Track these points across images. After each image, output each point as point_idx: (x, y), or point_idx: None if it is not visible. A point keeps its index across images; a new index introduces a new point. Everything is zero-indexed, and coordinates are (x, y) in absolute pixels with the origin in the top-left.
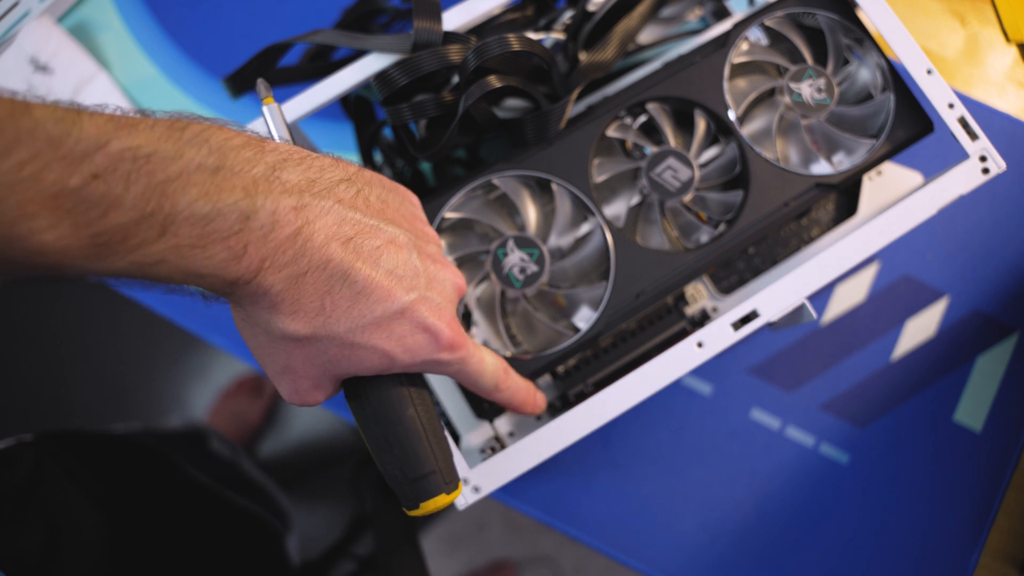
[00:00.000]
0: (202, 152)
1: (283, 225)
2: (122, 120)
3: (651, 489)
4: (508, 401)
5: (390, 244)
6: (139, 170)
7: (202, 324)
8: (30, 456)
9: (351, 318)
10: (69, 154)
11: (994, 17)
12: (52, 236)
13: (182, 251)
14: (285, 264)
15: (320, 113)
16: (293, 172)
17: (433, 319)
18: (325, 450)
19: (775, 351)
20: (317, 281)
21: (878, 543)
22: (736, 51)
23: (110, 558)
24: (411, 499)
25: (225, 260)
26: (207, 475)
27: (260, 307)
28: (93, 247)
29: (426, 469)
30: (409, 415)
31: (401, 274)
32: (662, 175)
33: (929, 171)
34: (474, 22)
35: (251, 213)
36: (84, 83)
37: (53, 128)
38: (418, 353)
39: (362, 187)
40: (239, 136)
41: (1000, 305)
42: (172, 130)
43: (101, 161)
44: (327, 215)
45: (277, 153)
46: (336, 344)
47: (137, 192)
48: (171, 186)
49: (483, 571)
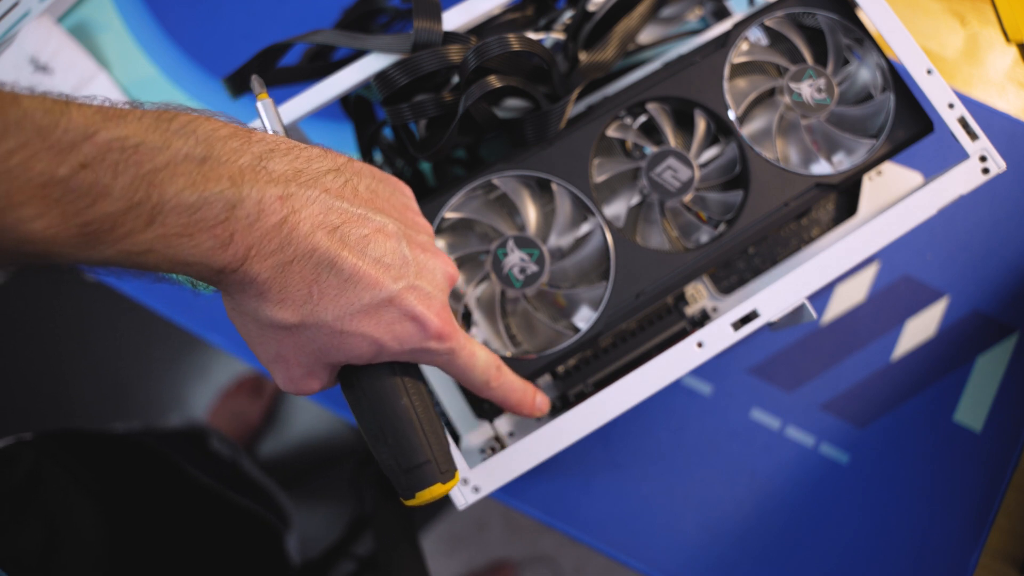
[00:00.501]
0: (189, 142)
1: (269, 214)
2: (110, 111)
3: (651, 489)
4: (501, 399)
5: (378, 233)
6: (127, 160)
7: (202, 323)
8: (30, 455)
9: (339, 306)
10: (57, 144)
11: (994, 17)
12: (41, 225)
13: (169, 240)
14: (271, 253)
15: (320, 113)
16: (280, 162)
17: (421, 308)
18: (325, 450)
19: (775, 351)
20: (304, 269)
21: (878, 543)
22: (736, 51)
23: (110, 558)
24: (407, 489)
25: (211, 248)
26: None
27: (248, 295)
28: (82, 236)
29: (420, 459)
30: (403, 405)
31: (389, 262)
32: (662, 175)
33: (929, 171)
34: (474, 22)
35: (237, 202)
36: (84, 83)
37: (41, 118)
38: (406, 341)
39: (351, 177)
40: (226, 127)
41: (1000, 305)
42: (160, 121)
43: (89, 151)
44: (313, 204)
45: (264, 143)
46: (324, 332)
47: (125, 182)
48: (158, 176)
49: (483, 571)
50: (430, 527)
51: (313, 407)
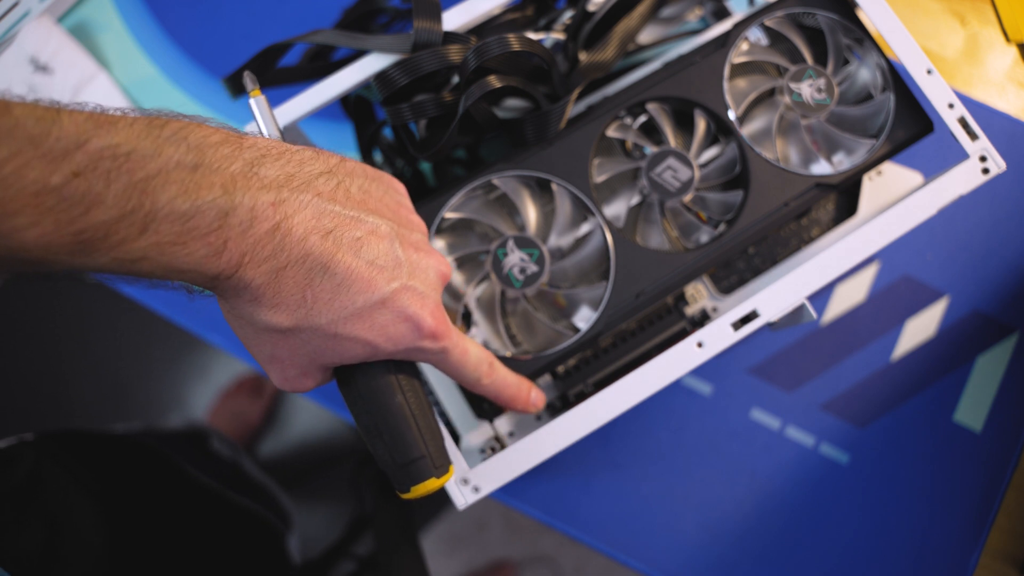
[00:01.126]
0: (180, 150)
1: (262, 220)
2: (101, 118)
3: (651, 489)
4: (495, 395)
5: (371, 235)
6: (119, 168)
7: (202, 323)
8: (30, 456)
9: (333, 310)
10: (50, 152)
11: (994, 17)
12: (35, 233)
13: (163, 248)
14: (265, 259)
15: (320, 113)
16: (272, 167)
17: (415, 308)
18: (325, 450)
19: (775, 351)
20: (297, 274)
21: (878, 543)
22: (736, 51)
23: (110, 558)
24: (402, 483)
25: (205, 256)
26: (208, 475)
27: (243, 300)
28: (76, 244)
29: (415, 454)
30: (397, 402)
31: (382, 264)
32: (662, 175)
33: (929, 171)
34: (474, 22)
35: (230, 210)
36: (84, 83)
37: (33, 127)
38: (400, 341)
39: (343, 179)
40: (217, 133)
41: (1000, 305)
42: (151, 128)
43: (81, 159)
44: (306, 209)
45: (255, 149)
46: (319, 335)
47: (118, 190)
48: (151, 184)
49: (483, 571)
50: (430, 527)
51: (313, 407)
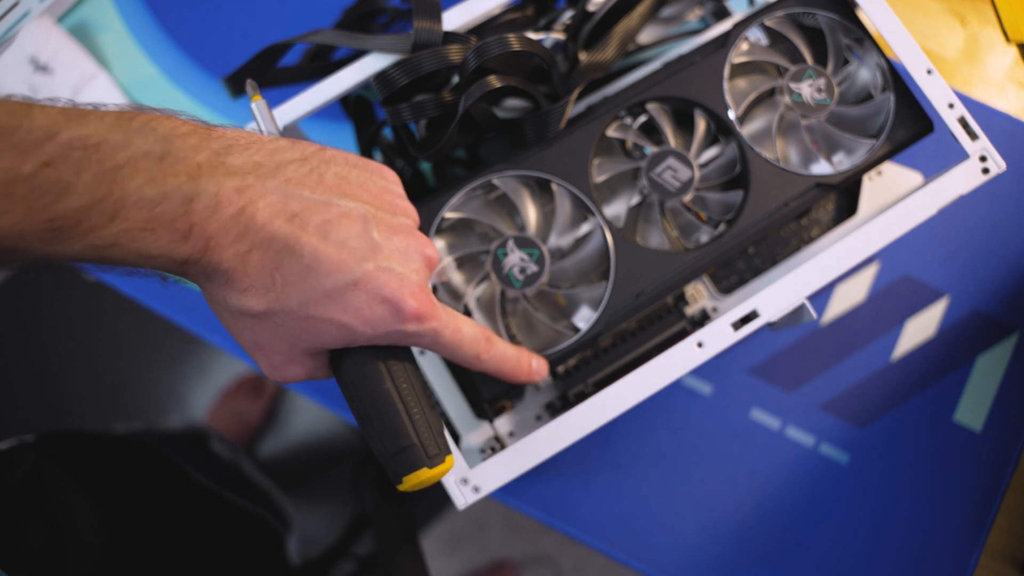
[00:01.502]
0: (149, 140)
1: (226, 206)
2: (72, 112)
3: (651, 489)
4: (496, 371)
5: (342, 218)
6: (89, 158)
7: (202, 323)
8: (30, 456)
9: (303, 292)
10: (20, 143)
11: (994, 17)
12: (7, 221)
13: (133, 234)
14: (231, 243)
15: (320, 113)
16: (239, 156)
17: (391, 290)
18: (325, 450)
19: (775, 351)
20: (264, 257)
21: (878, 543)
22: (736, 51)
23: (110, 558)
24: (394, 473)
25: (172, 241)
26: (208, 476)
27: (215, 284)
28: (48, 231)
29: (404, 443)
30: (384, 388)
31: (353, 246)
32: (662, 175)
33: (929, 171)
34: (474, 22)
35: (194, 196)
36: (84, 83)
37: (4, 119)
38: (379, 325)
39: (317, 165)
40: (186, 125)
41: (1000, 305)
42: (121, 120)
43: (52, 150)
44: (272, 194)
45: (223, 140)
46: (292, 318)
47: (88, 179)
48: (120, 172)
49: (483, 571)
50: (430, 527)
51: (313, 407)
